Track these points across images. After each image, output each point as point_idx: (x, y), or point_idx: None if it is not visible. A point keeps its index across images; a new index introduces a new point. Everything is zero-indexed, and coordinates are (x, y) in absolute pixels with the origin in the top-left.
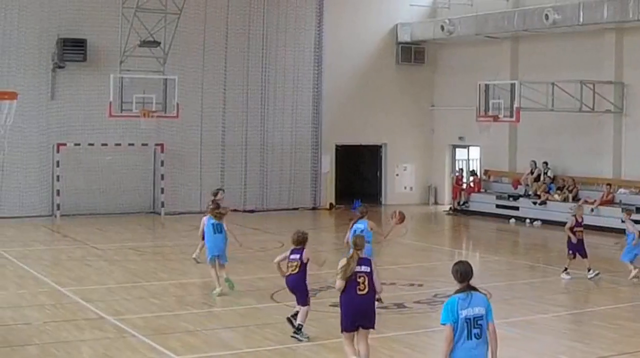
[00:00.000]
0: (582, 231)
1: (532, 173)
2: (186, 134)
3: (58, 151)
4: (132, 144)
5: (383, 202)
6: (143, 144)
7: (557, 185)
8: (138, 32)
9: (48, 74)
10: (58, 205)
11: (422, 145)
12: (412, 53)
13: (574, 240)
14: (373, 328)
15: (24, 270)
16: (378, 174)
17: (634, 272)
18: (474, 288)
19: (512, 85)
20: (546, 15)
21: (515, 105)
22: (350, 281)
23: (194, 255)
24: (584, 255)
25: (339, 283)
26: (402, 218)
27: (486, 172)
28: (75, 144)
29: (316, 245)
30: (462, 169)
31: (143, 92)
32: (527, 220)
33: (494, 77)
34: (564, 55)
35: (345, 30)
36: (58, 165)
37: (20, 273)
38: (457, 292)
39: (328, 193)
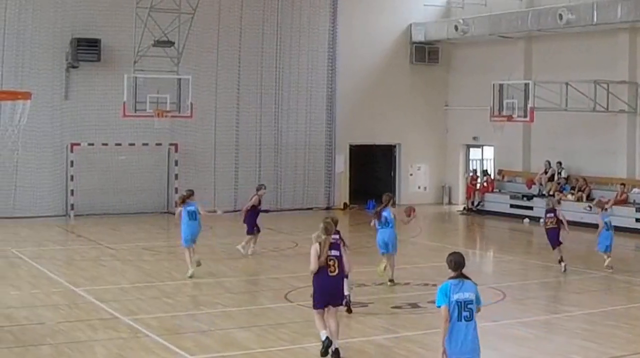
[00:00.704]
0: (553, 220)
1: (546, 173)
2: (200, 133)
3: (72, 151)
4: (146, 144)
5: (397, 202)
6: (157, 144)
7: (570, 185)
8: (152, 32)
9: (62, 73)
10: (72, 205)
11: (436, 145)
12: (426, 53)
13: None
14: (341, 305)
15: (38, 270)
16: (392, 173)
17: (607, 261)
18: (466, 277)
19: (526, 85)
20: (560, 15)
21: (529, 105)
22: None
23: (240, 248)
24: (556, 243)
25: (313, 266)
26: (413, 212)
27: (500, 171)
28: (89, 144)
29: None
30: (475, 169)
31: (157, 92)
32: (541, 220)
33: (508, 76)
34: (578, 55)
35: (359, 30)
36: (72, 165)
37: (34, 273)
38: (451, 278)
39: (342, 193)
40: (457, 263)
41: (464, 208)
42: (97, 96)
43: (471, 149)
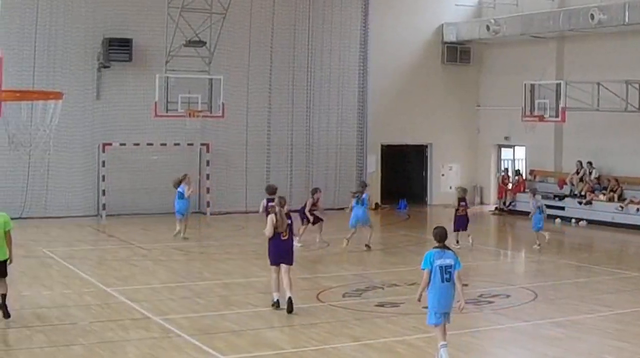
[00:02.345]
0: (465, 208)
1: (577, 173)
2: (232, 133)
3: (104, 151)
4: (178, 144)
5: (428, 202)
6: (189, 144)
7: (602, 185)
8: (183, 32)
9: (93, 73)
10: (104, 205)
11: (468, 145)
12: (457, 53)
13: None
14: (291, 264)
15: (70, 270)
16: (424, 173)
17: (542, 240)
18: (447, 247)
19: (558, 85)
20: (592, 15)
21: (561, 105)
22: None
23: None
24: (464, 228)
25: (269, 232)
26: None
27: (532, 172)
28: (121, 144)
29: (362, 245)
30: (507, 169)
31: (188, 92)
32: (573, 220)
33: (540, 77)
34: (610, 55)
35: (391, 30)
36: (103, 165)
37: (66, 273)
38: (435, 248)
39: (373, 193)
40: (440, 235)
41: (496, 208)
42: (128, 96)
43: (503, 149)
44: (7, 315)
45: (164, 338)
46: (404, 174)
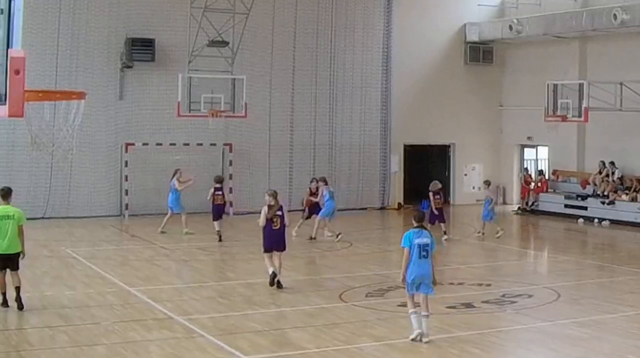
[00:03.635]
0: (439, 201)
1: (600, 173)
2: (255, 133)
3: (126, 151)
4: (201, 144)
5: (451, 202)
6: (211, 144)
7: (625, 185)
8: (206, 32)
9: (116, 73)
10: (126, 205)
11: (491, 145)
12: (480, 53)
13: (434, 209)
14: (284, 251)
15: (92, 270)
16: (446, 173)
17: (498, 228)
18: (424, 228)
19: (581, 85)
20: (614, 15)
21: (584, 105)
22: (268, 220)
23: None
24: (441, 220)
25: (262, 222)
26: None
27: (554, 172)
28: (144, 144)
29: (384, 245)
30: (527, 168)
31: (211, 92)
32: (596, 220)
33: (562, 76)
34: (633, 55)
35: (413, 30)
36: (126, 165)
37: (89, 273)
38: (413, 228)
39: (396, 193)
40: (419, 217)
41: (519, 208)
42: (151, 96)
43: (525, 149)
44: (21, 306)
45: (187, 339)
46: (426, 173)
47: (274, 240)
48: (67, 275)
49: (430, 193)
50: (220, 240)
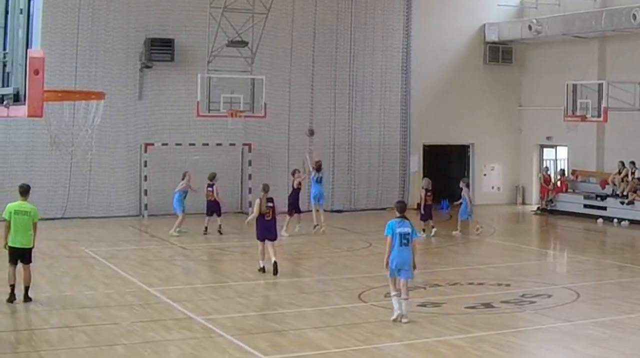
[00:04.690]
0: (430, 197)
1: (619, 173)
2: (274, 133)
3: (146, 151)
4: (220, 144)
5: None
6: (231, 144)
7: None
8: (225, 32)
9: (135, 73)
10: (145, 205)
11: (510, 145)
12: (499, 53)
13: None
14: (275, 240)
15: (112, 270)
16: (465, 173)
17: (478, 226)
18: (406, 218)
19: (600, 85)
20: (634, 15)
21: (603, 105)
22: (261, 211)
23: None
24: (428, 218)
25: (255, 213)
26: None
27: (574, 172)
28: (163, 144)
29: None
30: (547, 167)
31: (231, 92)
32: (615, 220)
33: (582, 77)
34: None
35: (433, 30)
36: (145, 165)
37: (108, 273)
38: (396, 218)
39: (416, 193)
40: (401, 208)
41: (538, 208)
42: (170, 96)
43: (545, 149)
44: (28, 300)
45: (206, 339)
46: (446, 174)
47: (266, 230)
48: (87, 275)
49: (423, 190)
50: (205, 233)
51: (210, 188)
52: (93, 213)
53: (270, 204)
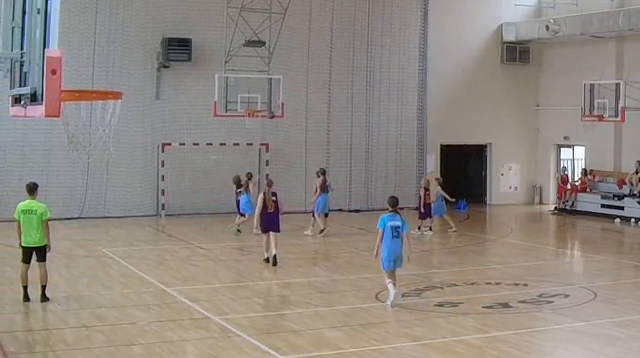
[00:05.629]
0: (429, 196)
1: (637, 173)
2: (291, 133)
3: (163, 151)
4: (238, 144)
5: (488, 202)
6: (248, 144)
7: None
8: (243, 32)
9: (153, 73)
10: (163, 205)
11: (527, 145)
12: (517, 53)
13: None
14: (278, 232)
15: (129, 270)
16: (483, 173)
17: (452, 224)
18: (397, 212)
19: (617, 85)
20: None
21: (621, 105)
22: (265, 204)
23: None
24: (428, 216)
25: (260, 205)
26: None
27: (591, 172)
28: (181, 144)
29: (420, 245)
30: (565, 168)
31: (248, 92)
32: (633, 220)
33: (599, 77)
34: None
35: (450, 30)
36: (163, 165)
37: (126, 273)
38: (388, 212)
39: (433, 194)
40: (393, 203)
41: (555, 208)
42: (188, 96)
43: (562, 149)
44: (45, 299)
45: (223, 339)
46: (463, 174)
47: (270, 223)
48: (104, 275)
49: (422, 190)
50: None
51: (240, 190)
52: (110, 213)
53: (274, 198)
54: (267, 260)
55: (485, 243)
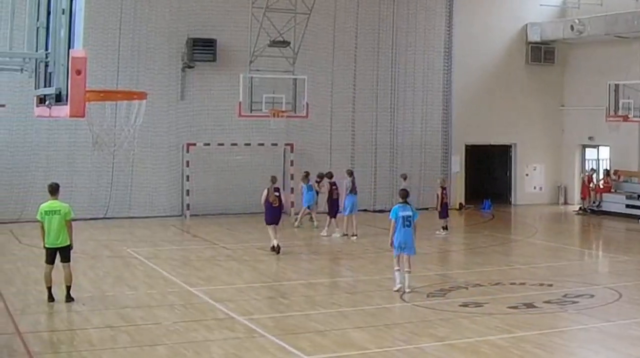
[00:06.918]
0: (445, 195)
1: None
2: (316, 134)
3: (188, 151)
4: (262, 144)
5: (513, 202)
6: (273, 144)
7: None
8: (268, 32)
9: (178, 74)
10: (188, 205)
11: (552, 145)
12: (541, 53)
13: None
14: (277, 225)
15: (154, 270)
16: (508, 173)
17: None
18: (408, 203)
19: None
20: None
21: None
22: (269, 200)
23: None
24: (446, 215)
25: (264, 201)
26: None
27: (616, 172)
28: (205, 144)
29: (446, 245)
30: (593, 169)
31: (273, 92)
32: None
33: (624, 76)
34: None
35: (475, 30)
36: (188, 165)
37: (150, 273)
38: (399, 203)
39: (458, 194)
40: (403, 194)
41: (580, 208)
42: (212, 96)
43: (587, 149)
44: (70, 299)
45: (248, 339)
46: (488, 174)
47: (274, 216)
48: (129, 275)
49: (440, 189)
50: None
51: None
52: (135, 213)
53: (277, 194)
54: (273, 248)
55: (509, 243)
